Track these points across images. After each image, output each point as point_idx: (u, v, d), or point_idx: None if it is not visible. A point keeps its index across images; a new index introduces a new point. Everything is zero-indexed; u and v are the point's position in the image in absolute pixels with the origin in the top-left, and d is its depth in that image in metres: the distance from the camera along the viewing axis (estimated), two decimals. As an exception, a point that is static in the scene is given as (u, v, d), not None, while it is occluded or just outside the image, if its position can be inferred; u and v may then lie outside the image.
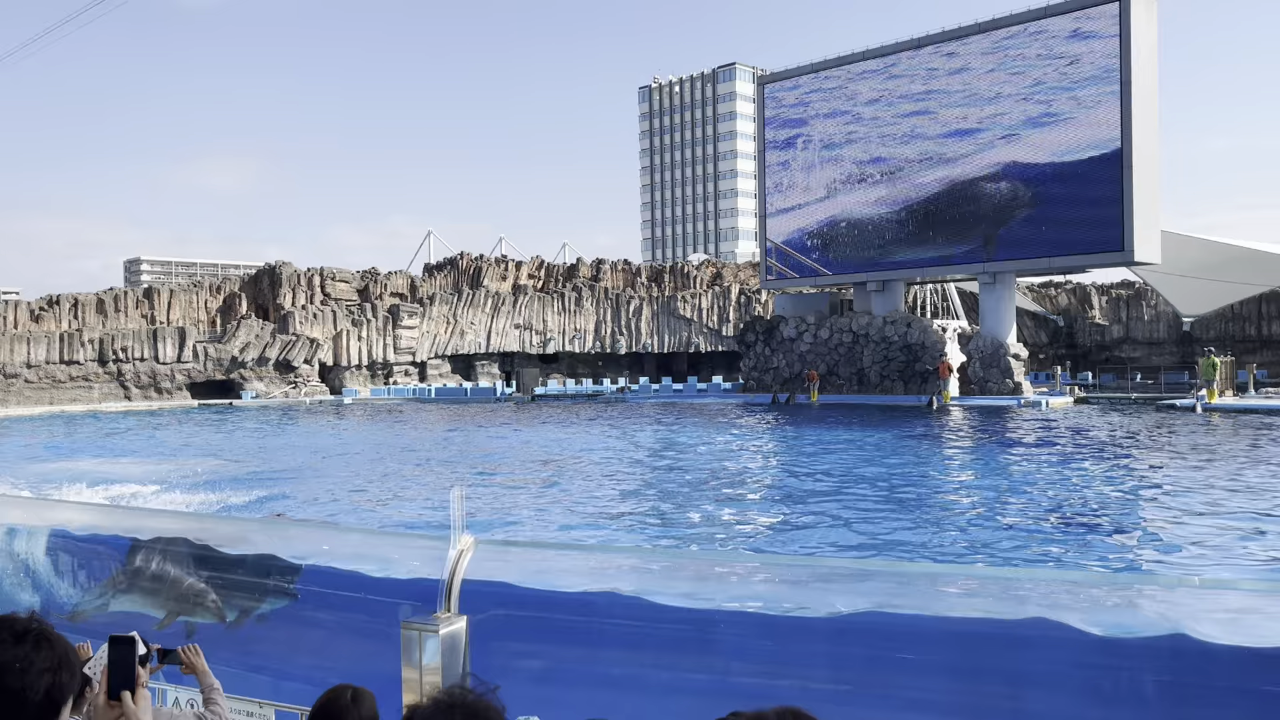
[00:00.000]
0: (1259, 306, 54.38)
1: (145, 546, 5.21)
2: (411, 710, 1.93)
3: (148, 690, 2.45)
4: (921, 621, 3.74)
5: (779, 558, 8.97)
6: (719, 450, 23.97)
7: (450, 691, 1.96)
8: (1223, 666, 3.23)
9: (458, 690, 1.96)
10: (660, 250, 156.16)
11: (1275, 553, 10.63)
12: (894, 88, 46.44)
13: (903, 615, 3.79)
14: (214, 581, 4.93)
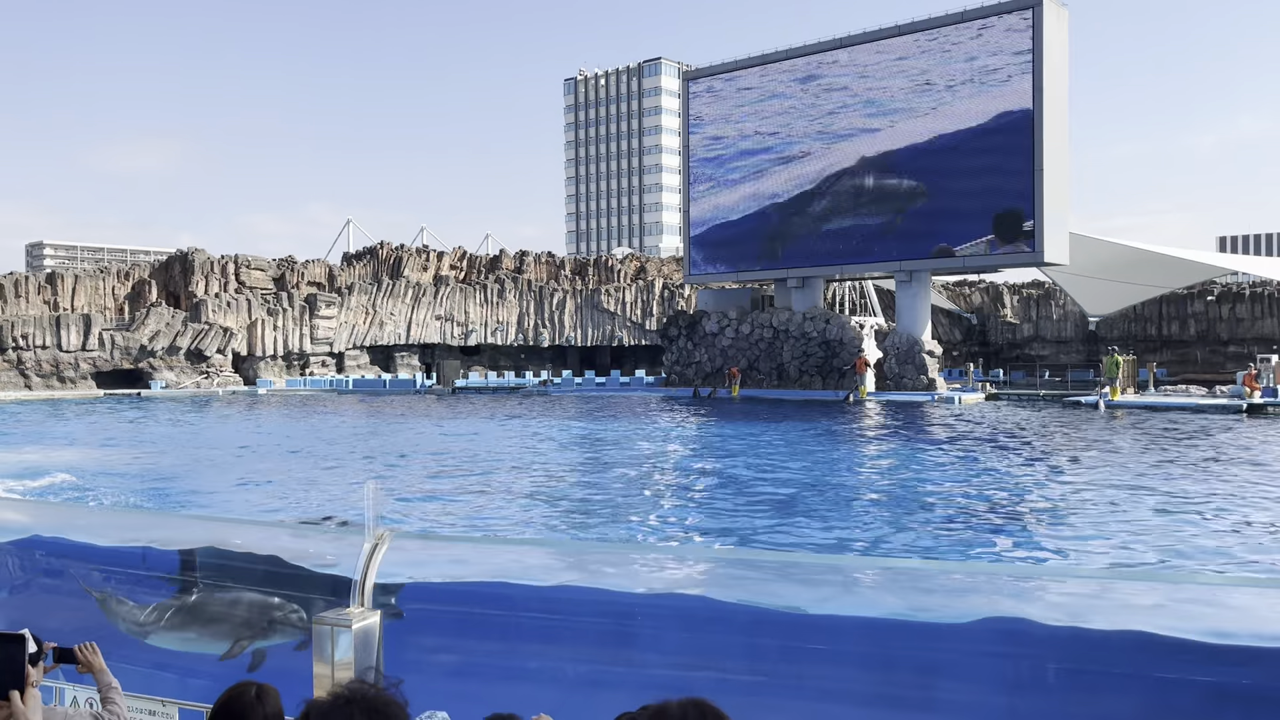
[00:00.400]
0: (1160, 308, 56.61)
1: (199, 562, 4.46)
2: (310, 705, 1.90)
3: (38, 690, 2.37)
4: (835, 615, 3.82)
5: (699, 550, 9.05)
6: (640, 443, 24.06)
7: (350, 685, 1.93)
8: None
9: (357, 684, 1.94)
10: (585, 243, 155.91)
11: (1169, 542, 11.09)
12: (817, 87, 47.05)
13: (817, 608, 3.86)
14: (288, 598, 4.26)
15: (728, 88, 50.28)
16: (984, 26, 42.11)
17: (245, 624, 4.22)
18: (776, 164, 48.43)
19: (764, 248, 48.76)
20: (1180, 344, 56.35)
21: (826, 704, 3.77)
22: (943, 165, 43.15)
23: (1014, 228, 41.30)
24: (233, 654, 4.10)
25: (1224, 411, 32.20)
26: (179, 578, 4.56)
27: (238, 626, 4.22)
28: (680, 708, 1.88)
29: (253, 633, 4.21)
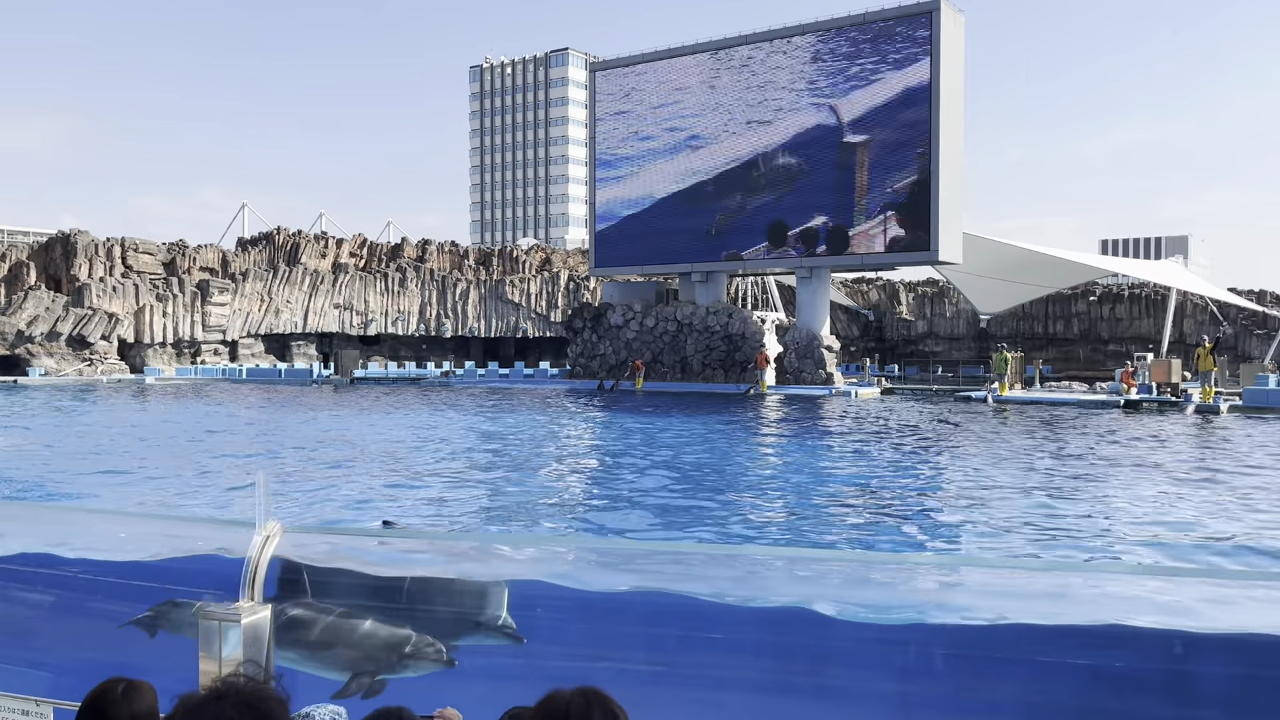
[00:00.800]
0: (1046, 307, 58.98)
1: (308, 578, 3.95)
2: (182, 699, 1.84)
3: None
4: (728, 603, 3.88)
5: (594, 540, 9.09)
6: (544, 435, 23.99)
7: (225, 679, 1.89)
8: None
9: (233, 678, 1.89)
10: (489, 233, 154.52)
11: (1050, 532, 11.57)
12: (722, 82, 47.51)
13: (708, 596, 3.91)
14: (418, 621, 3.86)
15: (635, 80, 50.38)
16: (883, 30, 43.11)
17: (368, 657, 3.75)
18: (682, 158, 48.75)
19: (669, 241, 49.05)
20: (1065, 342, 58.82)
21: (722, 692, 3.82)
22: (842, 164, 44.04)
23: (917, 224, 42.45)
24: (348, 692, 3.63)
25: (1103, 407, 33.71)
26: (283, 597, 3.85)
27: (359, 659, 3.74)
28: (569, 696, 1.88)
29: (376, 666, 3.74)
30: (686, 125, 48.70)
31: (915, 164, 42.23)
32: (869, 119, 43.48)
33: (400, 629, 3.79)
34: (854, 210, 43.83)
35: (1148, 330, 55.20)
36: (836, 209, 44.34)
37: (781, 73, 45.82)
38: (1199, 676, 3.36)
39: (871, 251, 43.73)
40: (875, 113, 43.33)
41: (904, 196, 42.56)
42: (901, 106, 42.66)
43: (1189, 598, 3.43)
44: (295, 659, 3.79)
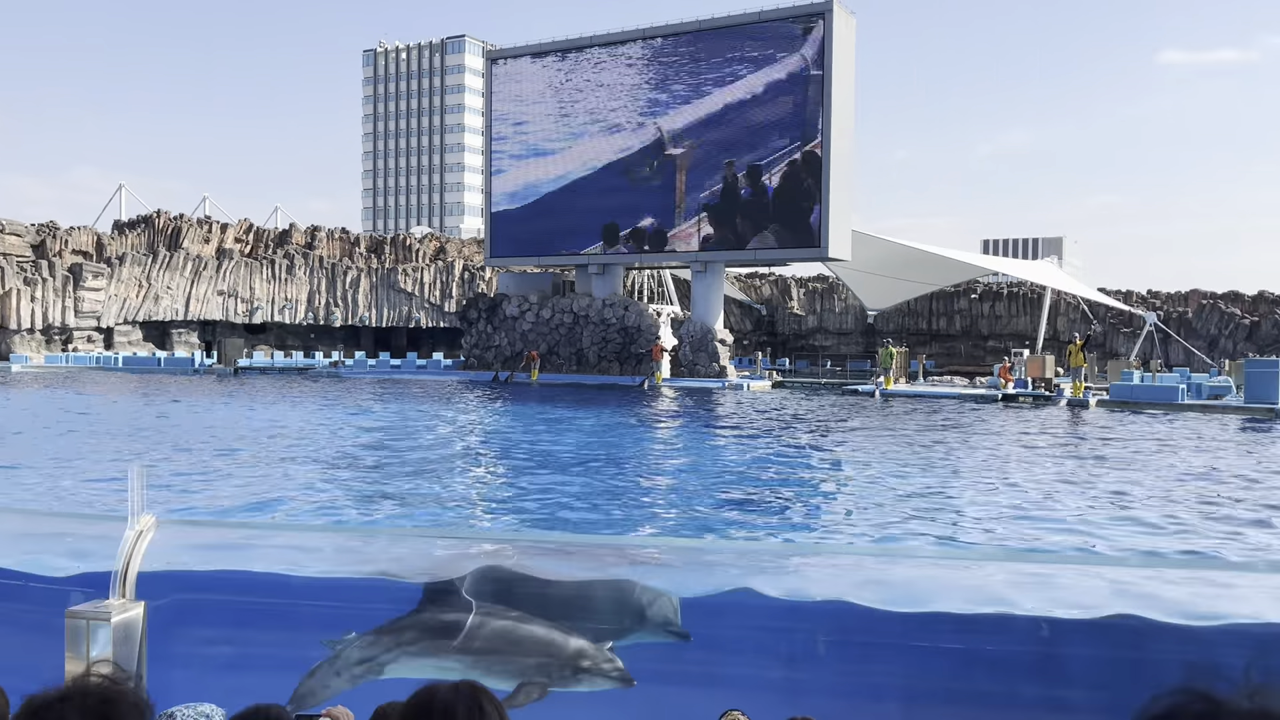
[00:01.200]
0: (930, 304, 60.96)
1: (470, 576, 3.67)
2: (27, 700, 1.75)
3: None
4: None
5: (491, 532, 9.04)
6: (436, 426, 23.70)
7: (76, 679, 1.80)
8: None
9: (83, 678, 1.81)
10: (382, 221, 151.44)
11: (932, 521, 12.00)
12: (621, 76, 47.58)
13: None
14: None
15: (532, 70, 50.05)
16: (778, 30, 43.80)
17: (539, 667, 3.53)
18: (578, 149, 48.66)
19: (566, 233, 48.93)
20: (947, 338, 60.91)
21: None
22: (737, 161, 44.64)
23: (800, 224, 43.33)
24: (515, 702, 3.42)
25: (982, 400, 35.05)
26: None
27: (528, 670, 3.53)
28: (450, 691, 1.87)
29: (547, 677, 3.51)
30: (583, 117, 48.62)
31: (808, 165, 43.06)
32: (762, 121, 44.13)
33: (578, 639, 3.56)
34: (746, 213, 44.57)
35: (1024, 327, 57.56)
36: (731, 210, 44.93)
37: (677, 69, 46.11)
38: (992, 654, 3.56)
39: (764, 247, 44.48)
40: (768, 115, 44.01)
41: (797, 195, 43.40)
42: (793, 109, 43.42)
43: (998, 581, 3.65)
44: (459, 667, 3.56)
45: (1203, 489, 14.53)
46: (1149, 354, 49.15)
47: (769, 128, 43.92)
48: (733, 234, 44.87)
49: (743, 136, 44.41)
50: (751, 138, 44.25)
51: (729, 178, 44.89)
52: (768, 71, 43.95)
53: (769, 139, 43.97)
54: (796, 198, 43.49)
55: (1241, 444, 21.77)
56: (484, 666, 3.54)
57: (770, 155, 44.00)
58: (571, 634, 3.57)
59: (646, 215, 46.74)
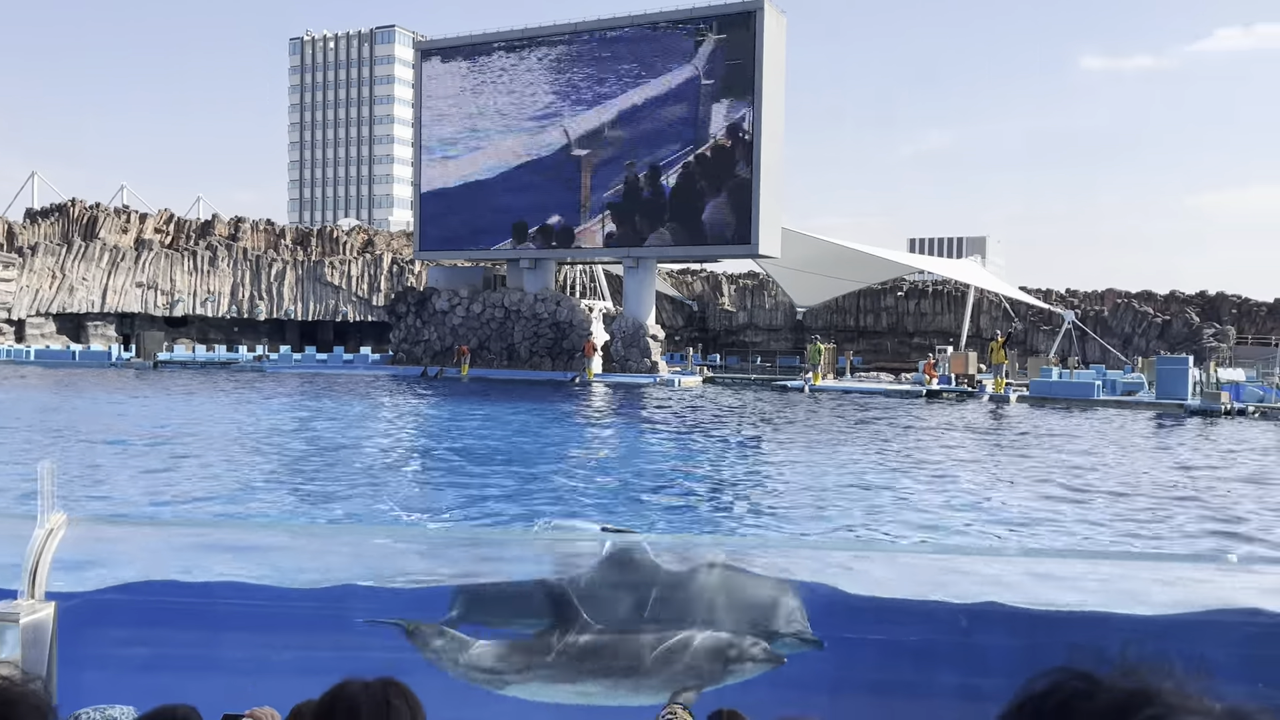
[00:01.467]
0: (858, 301, 61.91)
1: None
2: None
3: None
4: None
5: (419, 530, 8.93)
6: (362, 422, 23.37)
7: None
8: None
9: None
10: (309, 213, 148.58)
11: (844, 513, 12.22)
12: (552, 69, 47.37)
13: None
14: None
15: (463, 62, 49.57)
16: (708, 27, 44.03)
17: (690, 670, 3.27)
18: (509, 143, 48.34)
19: (498, 227, 48.60)
20: (874, 334, 61.93)
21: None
22: (666, 158, 44.82)
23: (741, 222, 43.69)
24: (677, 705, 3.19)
25: (907, 396, 35.75)
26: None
27: (679, 673, 3.27)
28: (363, 687, 1.84)
29: (700, 679, 3.25)
30: (513, 111, 48.32)
31: (739, 163, 43.42)
32: (694, 119, 44.37)
33: (719, 633, 3.34)
34: (679, 211, 44.85)
35: (949, 324, 58.78)
36: (663, 206, 45.10)
37: (609, 66, 46.09)
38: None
39: (693, 243, 44.73)
40: (701, 112, 44.28)
41: (730, 193, 43.73)
42: (725, 108, 43.73)
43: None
44: (598, 691, 3.32)
45: (1109, 480, 15.03)
46: (1067, 351, 50.57)
47: (667, 131, 44.89)
48: (633, 231, 45.67)
49: (643, 138, 45.31)
50: (651, 140, 45.12)
51: (630, 178, 45.67)
52: (667, 78, 44.88)
53: (667, 142, 44.91)
54: (691, 197, 44.33)
55: (1149, 438, 22.57)
56: (631, 684, 3.30)
57: (668, 157, 44.93)
58: (716, 631, 3.36)
59: (554, 213, 47.18)
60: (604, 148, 46.31)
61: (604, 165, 46.32)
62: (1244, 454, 19.44)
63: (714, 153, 44.08)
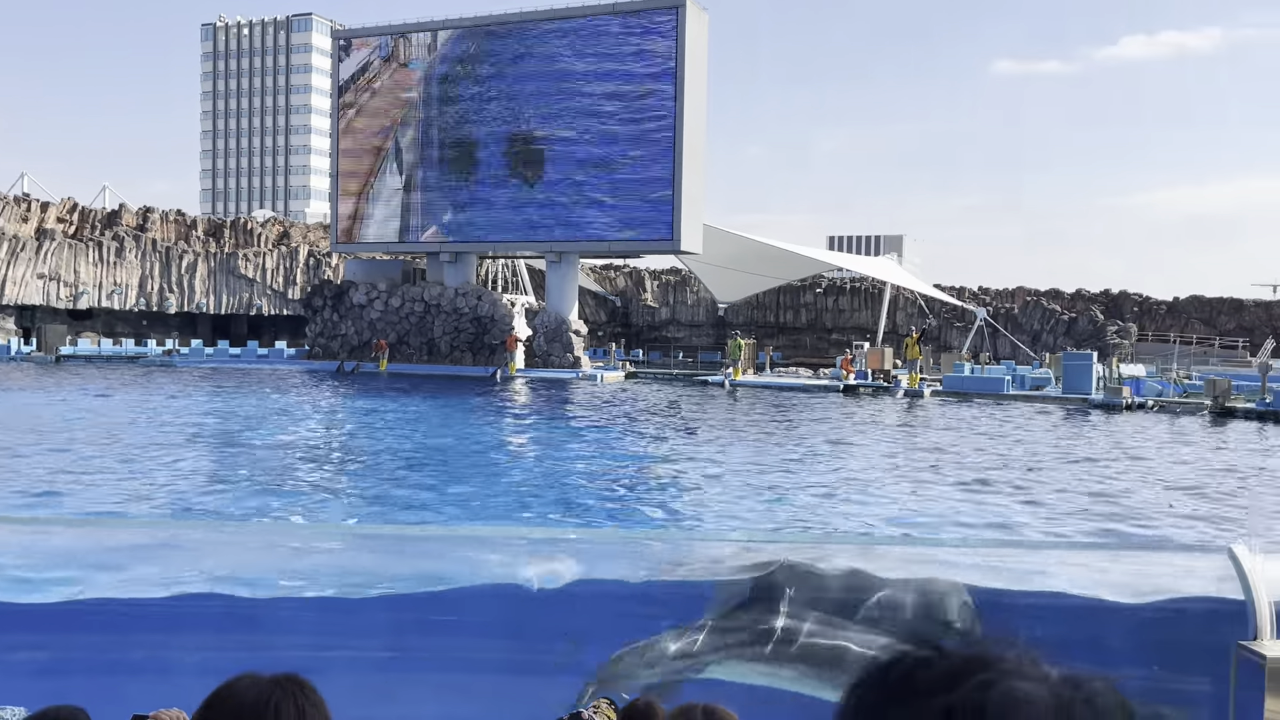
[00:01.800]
0: (778, 297, 62.67)
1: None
2: None
3: None
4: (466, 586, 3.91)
5: (326, 528, 8.79)
6: (272, 417, 22.88)
7: None
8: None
9: None
10: (222, 203, 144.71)
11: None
12: (471, 60, 46.93)
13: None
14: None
15: (384, 51, 48.79)
16: (630, 22, 44.08)
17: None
18: (429, 134, 47.77)
19: (417, 220, 47.99)
20: (794, 330, 62.77)
21: (458, 674, 3.83)
22: (590, 154, 44.77)
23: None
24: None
25: (825, 391, 36.34)
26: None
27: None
28: (252, 686, 1.77)
29: None
30: (434, 101, 47.76)
31: (661, 159, 43.56)
32: (616, 112, 44.39)
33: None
34: (603, 204, 44.84)
35: (866, 321, 59.86)
36: (585, 200, 45.03)
37: (531, 57, 45.82)
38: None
39: (619, 239, 44.80)
40: (622, 107, 44.30)
41: (653, 188, 43.87)
42: (648, 102, 43.83)
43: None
44: (793, 675, 3.29)
45: (1014, 471, 15.52)
46: (979, 347, 51.94)
47: (592, 125, 44.84)
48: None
49: (611, 129, 44.82)
50: (575, 134, 45.00)
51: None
52: (590, 72, 44.76)
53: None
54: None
55: (1050, 430, 23.34)
56: (816, 675, 3.28)
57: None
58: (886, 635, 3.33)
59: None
60: (526, 142, 46.00)
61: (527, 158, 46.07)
62: (1130, 444, 20.23)
63: (637, 150, 44.12)
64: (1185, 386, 34.38)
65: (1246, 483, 15.50)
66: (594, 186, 44.74)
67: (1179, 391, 33.03)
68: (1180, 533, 10.75)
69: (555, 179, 45.51)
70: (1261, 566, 2.81)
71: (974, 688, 0.72)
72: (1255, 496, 13.90)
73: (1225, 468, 17.42)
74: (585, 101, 44.88)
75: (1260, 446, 21.32)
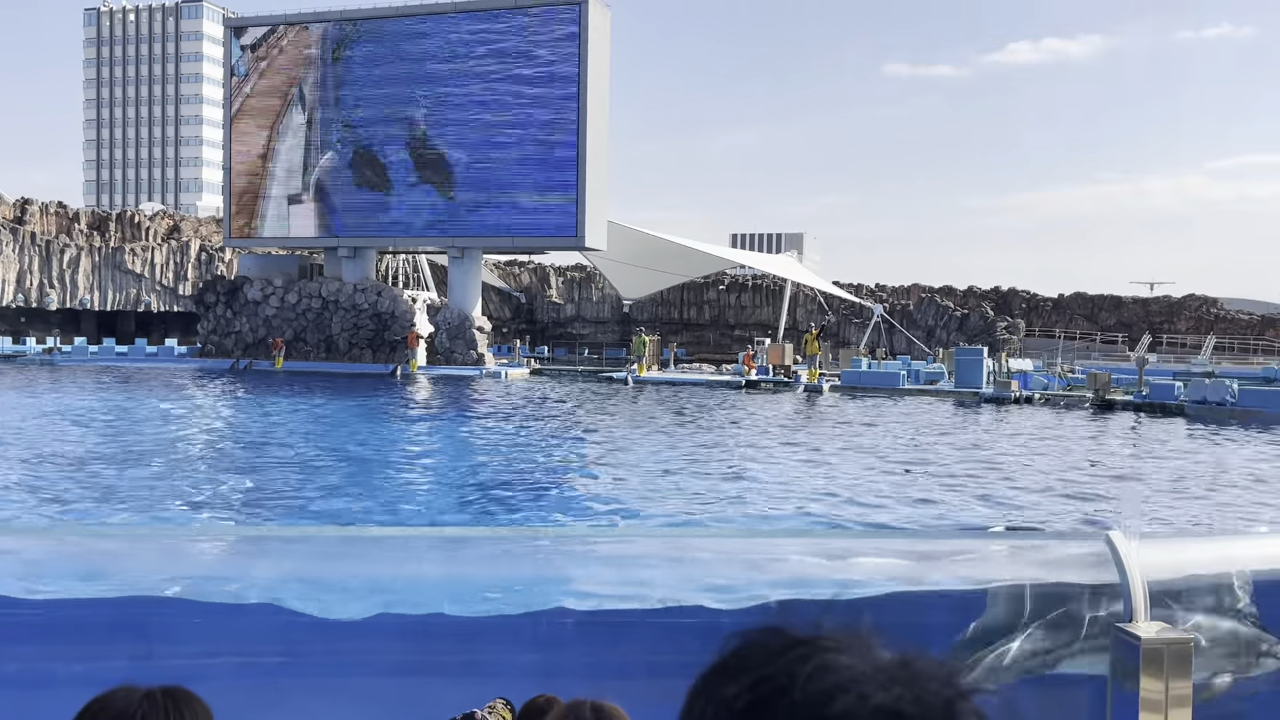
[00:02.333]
0: (682, 294, 63.14)
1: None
2: None
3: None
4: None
5: (221, 528, 8.48)
6: (160, 418, 22.05)
7: None
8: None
9: None
10: (108, 196, 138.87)
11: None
12: (366, 52, 45.95)
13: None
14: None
15: (278, 41, 47.43)
16: (534, 15, 43.77)
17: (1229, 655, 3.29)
18: (327, 127, 46.67)
19: (314, 214, 46.83)
20: (697, 326, 63.33)
21: (360, 678, 3.72)
22: (493, 149, 44.35)
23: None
24: (1210, 694, 3.19)
25: (728, 386, 36.75)
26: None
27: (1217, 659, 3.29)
28: (124, 698, 1.68)
29: (1235, 667, 3.28)
30: (332, 93, 46.65)
31: (565, 155, 43.39)
32: (521, 108, 44.05)
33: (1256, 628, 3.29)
34: (505, 201, 44.46)
35: (767, 317, 60.75)
36: (489, 197, 44.59)
37: (431, 51, 45.13)
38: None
39: (523, 235, 44.49)
40: (525, 101, 43.99)
41: (555, 187, 43.68)
42: (551, 98, 43.61)
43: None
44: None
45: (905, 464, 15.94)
46: (876, 343, 53.21)
47: (493, 120, 44.52)
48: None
49: (468, 127, 44.77)
50: (476, 129, 44.72)
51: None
52: (493, 67, 44.43)
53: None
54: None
55: (938, 423, 24.05)
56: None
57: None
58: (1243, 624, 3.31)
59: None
60: (425, 136, 45.33)
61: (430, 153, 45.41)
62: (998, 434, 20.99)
63: (540, 146, 43.90)
64: (1069, 380, 35.85)
65: (1123, 471, 16.23)
66: (497, 182, 44.32)
67: (1064, 385, 34.40)
68: (1060, 520, 11.19)
69: (458, 175, 44.93)
70: (1136, 551, 2.91)
71: (790, 660, 0.75)
72: (1129, 484, 14.56)
73: (1103, 456, 18.22)
74: (488, 97, 44.42)
75: (1135, 437, 22.36)
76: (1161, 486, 14.20)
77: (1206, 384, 28.72)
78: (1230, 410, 26.18)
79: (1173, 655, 2.64)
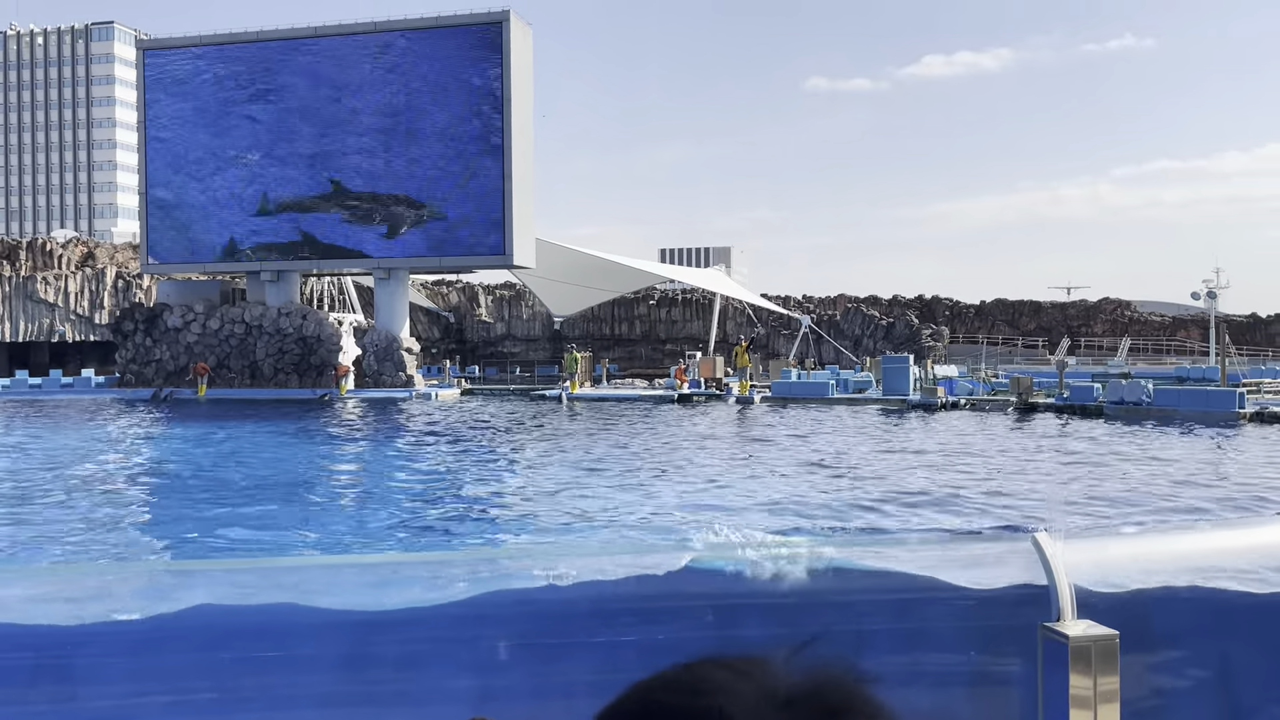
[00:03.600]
0: (613, 309, 63.21)
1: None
2: None
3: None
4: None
5: (145, 563, 8.22)
6: (77, 453, 21.32)
7: None
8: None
9: None
10: (18, 223, 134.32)
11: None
12: (290, 74, 45.21)
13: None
14: None
15: (193, 64, 46.43)
16: (455, 34, 43.59)
17: None
18: (247, 151, 45.75)
19: (234, 238, 45.85)
20: (629, 342, 63.44)
21: (288, 711, 3.59)
22: (416, 168, 43.97)
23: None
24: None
25: (661, 401, 36.83)
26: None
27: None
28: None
29: None
30: (251, 116, 45.69)
31: (491, 175, 43.19)
32: (444, 127, 43.78)
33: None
34: (435, 223, 44.08)
35: (698, 331, 61.13)
36: (414, 216, 44.16)
37: (354, 73, 44.60)
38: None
39: (450, 254, 44.13)
40: (449, 121, 43.73)
41: (486, 205, 43.43)
42: (475, 117, 43.41)
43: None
44: None
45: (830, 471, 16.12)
46: (805, 353, 53.86)
47: (417, 140, 44.27)
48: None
49: (393, 146, 44.37)
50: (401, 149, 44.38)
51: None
52: (417, 86, 44.04)
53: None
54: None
55: (868, 429, 24.41)
56: None
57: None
58: None
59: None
60: (345, 157, 44.76)
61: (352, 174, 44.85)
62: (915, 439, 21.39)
63: (465, 164, 43.62)
64: (993, 385, 36.68)
65: (1048, 474, 16.63)
66: (423, 202, 43.92)
67: (988, 390, 35.18)
68: (986, 521, 11.41)
69: (381, 195, 44.42)
70: (1062, 552, 2.96)
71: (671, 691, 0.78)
72: (1054, 485, 14.91)
73: (1027, 459, 18.65)
74: (412, 116, 44.04)
75: (1058, 439, 22.94)
76: (1083, 489, 14.57)
77: (1123, 385, 29.65)
78: (1146, 409, 27.06)
79: (1100, 652, 2.69)
